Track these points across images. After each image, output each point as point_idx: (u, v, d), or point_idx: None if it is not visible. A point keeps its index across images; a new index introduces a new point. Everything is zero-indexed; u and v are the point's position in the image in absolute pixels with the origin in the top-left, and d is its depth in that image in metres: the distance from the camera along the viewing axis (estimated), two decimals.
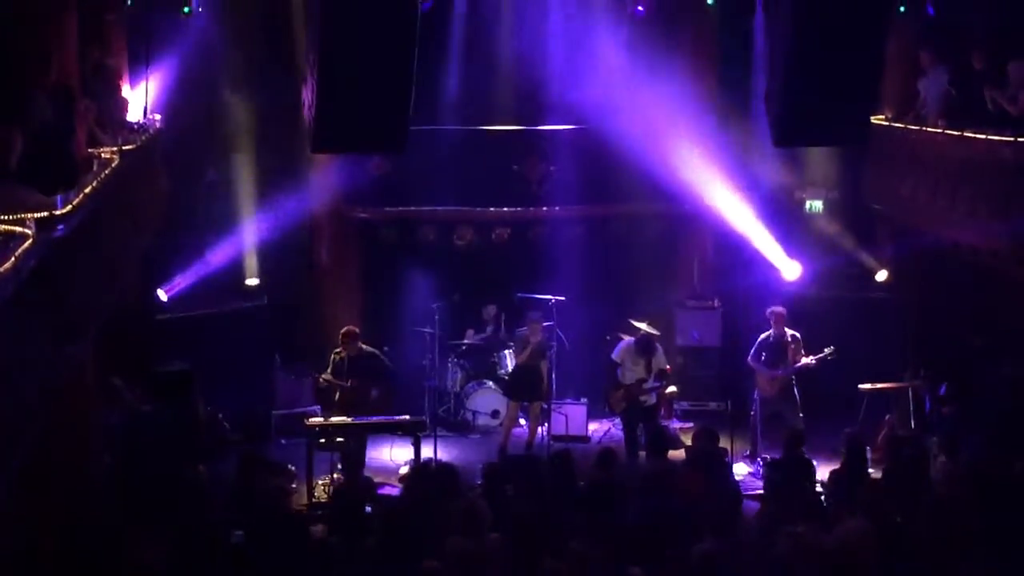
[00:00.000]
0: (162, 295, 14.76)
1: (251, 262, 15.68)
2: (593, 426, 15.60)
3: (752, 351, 14.35)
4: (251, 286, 15.60)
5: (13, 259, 7.32)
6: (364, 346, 13.89)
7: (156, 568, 8.62)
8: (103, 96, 12.16)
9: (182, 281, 14.88)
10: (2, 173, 8.69)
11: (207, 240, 15.21)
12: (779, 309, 14.55)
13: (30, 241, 7.72)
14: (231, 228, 15.31)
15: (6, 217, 7.97)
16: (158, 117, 13.92)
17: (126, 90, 13.52)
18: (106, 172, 10.41)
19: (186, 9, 13.41)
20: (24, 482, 8.10)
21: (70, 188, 9.10)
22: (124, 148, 11.39)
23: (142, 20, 14.16)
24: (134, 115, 13.28)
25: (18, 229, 7.86)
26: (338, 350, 13.84)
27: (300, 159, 15.60)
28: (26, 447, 7.47)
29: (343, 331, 13.93)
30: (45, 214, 8.21)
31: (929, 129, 14.39)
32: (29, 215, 8.05)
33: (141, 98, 13.91)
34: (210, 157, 14.94)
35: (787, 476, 10.55)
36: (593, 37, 16.21)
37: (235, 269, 15.45)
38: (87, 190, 9.46)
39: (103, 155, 10.89)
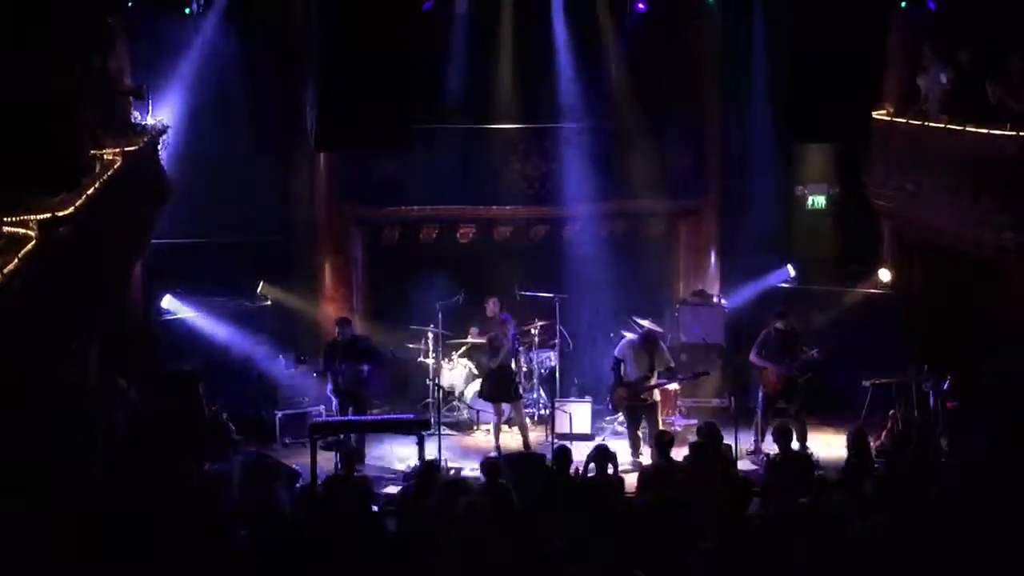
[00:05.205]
0: (167, 301, 14.84)
1: (255, 263, 15.69)
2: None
3: (754, 348, 14.32)
4: (260, 294, 15.62)
5: (16, 260, 7.34)
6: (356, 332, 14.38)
7: (161, 565, 8.63)
8: (105, 98, 12.17)
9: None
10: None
11: (210, 242, 15.20)
12: (782, 305, 14.57)
13: (33, 243, 7.74)
14: (234, 230, 15.29)
15: (10, 219, 7.99)
16: (162, 118, 13.93)
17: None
18: (109, 174, 10.43)
19: (188, 10, 13.43)
20: (29, 482, 8.13)
21: (72, 190, 9.12)
22: (127, 150, 11.41)
23: (144, 21, 14.18)
24: (137, 116, 13.27)
25: (21, 231, 7.89)
26: (331, 337, 14.31)
27: (303, 158, 15.64)
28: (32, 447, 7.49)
29: (337, 318, 14.69)
30: (48, 216, 8.24)
31: (931, 124, 14.38)
32: (32, 217, 8.08)
33: (144, 99, 13.93)
34: (213, 158, 14.89)
35: (786, 473, 10.48)
36: (595, 35, 16.22)
37: (239, 271, 15.43)
38: (90, 192, 9.48)
39: (106, 157, 10.90)
